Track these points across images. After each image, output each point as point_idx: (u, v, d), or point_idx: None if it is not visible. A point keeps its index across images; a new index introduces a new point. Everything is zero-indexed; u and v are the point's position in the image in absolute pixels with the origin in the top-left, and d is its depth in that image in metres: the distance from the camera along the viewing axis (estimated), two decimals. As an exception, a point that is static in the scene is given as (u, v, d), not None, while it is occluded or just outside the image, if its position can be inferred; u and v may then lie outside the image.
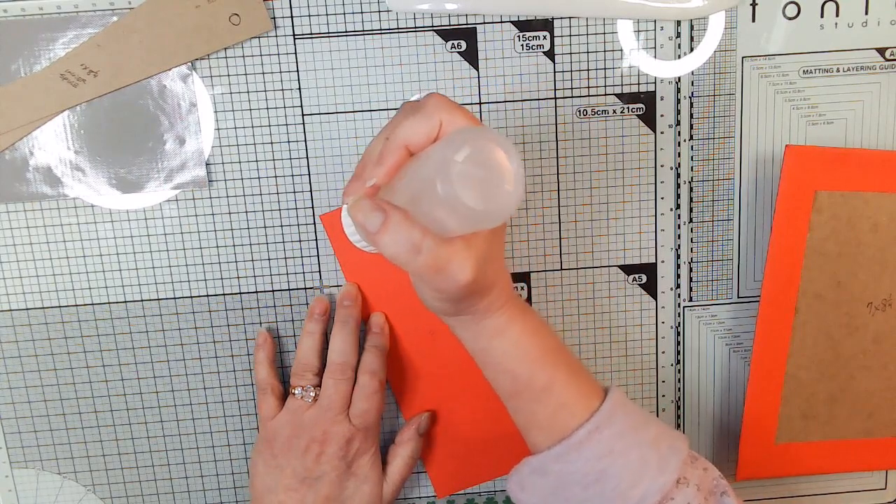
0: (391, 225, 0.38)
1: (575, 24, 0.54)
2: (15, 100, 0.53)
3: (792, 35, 0.55)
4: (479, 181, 0.34)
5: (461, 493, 0.62)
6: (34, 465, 0.60)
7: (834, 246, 0.56)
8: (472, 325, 0.45)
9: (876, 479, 0.64)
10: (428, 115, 0.39)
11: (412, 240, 0.38)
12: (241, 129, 0.55)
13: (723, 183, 0.58)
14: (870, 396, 0.59)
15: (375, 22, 0.54)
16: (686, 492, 0.44)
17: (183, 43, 0.53)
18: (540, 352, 0.46)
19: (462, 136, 0.35)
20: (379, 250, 0.39)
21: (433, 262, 0.38)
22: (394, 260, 0.38)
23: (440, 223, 0.37)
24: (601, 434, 0.45)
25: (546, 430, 0.46)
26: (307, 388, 0.54)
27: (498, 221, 0.35)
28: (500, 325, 0.45)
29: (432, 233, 0.38)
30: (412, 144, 0.39)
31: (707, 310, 0.60)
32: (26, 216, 0.56)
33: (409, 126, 0.39)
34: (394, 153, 0.39)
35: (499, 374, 0.46)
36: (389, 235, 0.38)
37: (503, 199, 0.34)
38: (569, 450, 0.45)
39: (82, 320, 0.58)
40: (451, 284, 0.40)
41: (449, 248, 0.39)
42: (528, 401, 0.46)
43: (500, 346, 0.45)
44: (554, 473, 0.46)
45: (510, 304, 0.45)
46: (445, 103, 0.39)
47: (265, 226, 0.57)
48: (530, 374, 0.45)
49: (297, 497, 0.53)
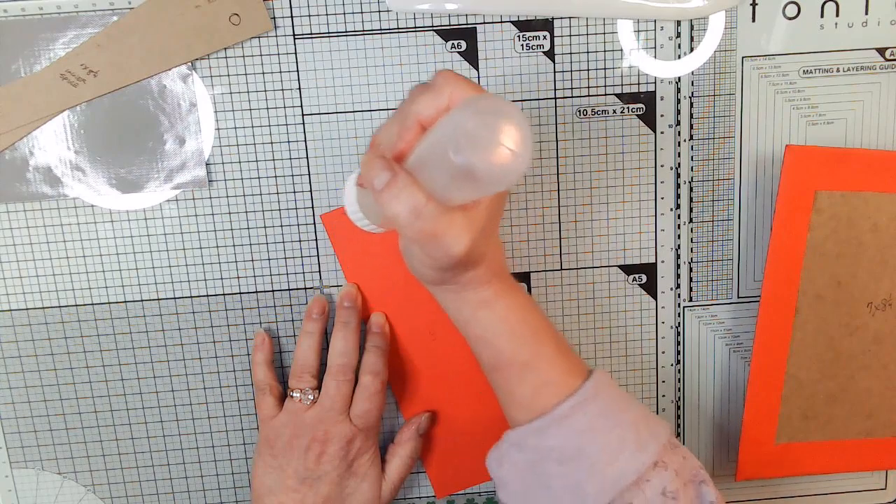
0: (397, 183, 0.38)
1: (575, 24, 0.54)
2: (15, 100, 0.53)
3: (792, 35, 0.55)
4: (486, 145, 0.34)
5: (461, 493, 0.62)
6: (34, 465, 0.60)
7: (834, 246, 0.56)
8: (454, 295, 0.45)
9: (876, 480, 0.64)
10: (437, 90, 0.39)
11: (415, 201, 0.38)
12: (241, 129, 0.55)
13: (723, 183, 0.58)
14: (870, 396, 0.59)
15: (375, 22, 0.54)
16: (664, 475, 0.44)
17: (183, 43, 0.53)
18: (525, 328, 0.46)
19: (470, 102, 0.35)
20: (381, 210, 0.39)
21: (431, 227, 0.39)
22: (395, 220, 0.38)
23: (446, 191, 0.37)
24: (583, 410, 0.45)
25: (526, 406, 0.46)
26: (305, 390, 0.54)
27: (504, 185, 0.36)
28: (484, 299, 0.45)
29: (436, 200, 0.38)
30: (425, 119, 0.40)
31: (707, 310, 0.60)
32: (26, 216, 0.56)
33: (421, 102, 0.39)
34: (409, 129, 0.40)
35: (482, 347, 0.46)
36: (394, 194, 0.38)
37: (510, 162, 0.34)
38: (550, 424, 0.45)
39: (82, 320, 0.58)
40: (444, 254, 0.40)
41: (449, 217, 0.39)
42: (510, 376, 0.46)
43: (483, 319, 0.45)
44: (532, 448, 0.46)
45: (498, 278, 0.45)
46: (453, 77, 0.40)
47: (265, 226, 0.57)
48: (514, 349, 0.45)
49: (297, 497, 0.53)
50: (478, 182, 0.35)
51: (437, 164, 0.36)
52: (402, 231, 0.39)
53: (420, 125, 0.40)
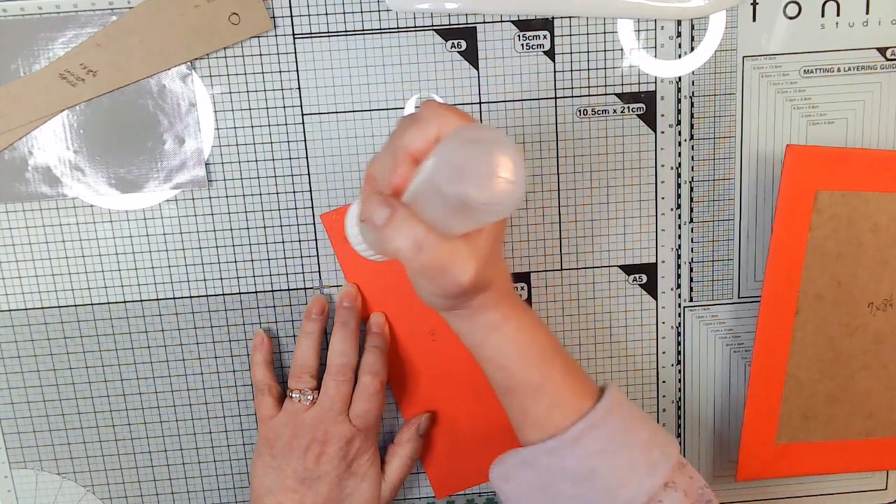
0: (397, 219, 0.38)
1: (575, 23, 0.54)
2: (14, 99, 0.53)
3: (792, 35, 0.55)
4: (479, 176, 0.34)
5: (461, 494, 0.62)
6: (33, 465, 0.60)
7: (834, 246, 0.56)
8: (467, 320, 0.45)
9: (876, 480, 0.64)
10: (424, 123, 0.39)
11: (415, 235, 0.38)
12: (241, 128, 0.55)
13: (723, 183, 0.57)
14: (870, 397, 0.59)
15: (375, 21, 0.54)
16: (674, 496, 0.45)
17: (182, 43, 0.53)
18: (534, 350, 0.46)
19: (458, 134, 0.36)
20: (383, 245, 0.39)
21: (434, 259, 0.39)
22: (397, 254, 0.39)
23: (444, 222, 0.38)
24: (596, 432, 0.45)
25: (538, 428, 0.46)
26: (304, 391, 0.54)
27: (501, 214, 0.36)
28: (495, 322, 0.45)
29: (436, 232, 0.38)
30: (415, 152, 0.40)
31: (707, 310, 0.59)
32: (25, 216, 0.56)
33: (409, 135, 0.40)
34: (401, 163, 0.40)
35: (494, 369, 0.47)
36: (394, 229, 0.38)
37: (505, 191, 0.35)
38: (562, 445, 0.45)
39: (82, 320, 0.57)
40: (451, 283, 0.40)
41: (452, 247, 0.39)
42: (522, 398, 0.46)
43: (495, 343, 0.46)
44: (543, 467, 0.46)
45: (506, 301, 0.46)
46: (438, 108, 0.40)
47: (265, 226, 0.57)
48: (524, 371, 0.46)
49: (296, 497, 0.53)
50: (475, 212, 0.35)
51: (433, 197, 0.37)
52: (407, 264, 0.39)
53: (411, 158, 0.40)
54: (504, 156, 0.35)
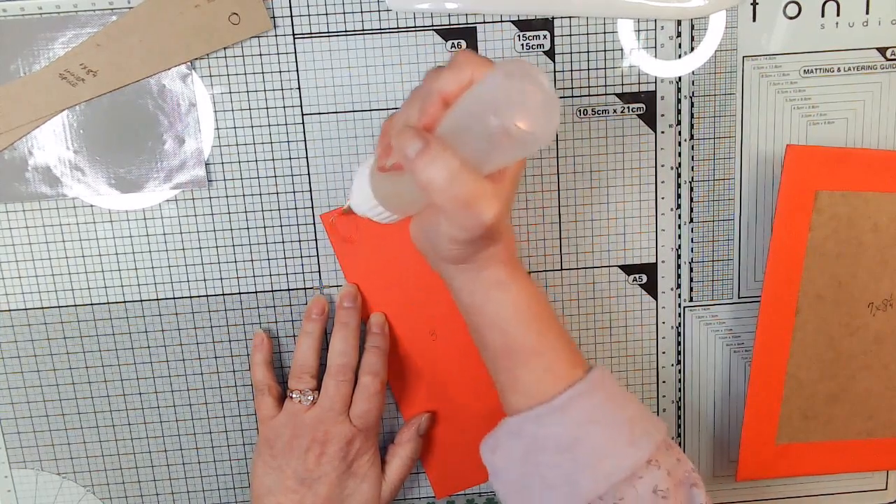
0: (432, 150, 0.38)
1: (575, 23, 0.54)
2: (14, 99, 0.53)
3: (792, 35, 0.55)
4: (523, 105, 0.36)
5: (461, 494, 0.62)
6: (33, 465, 0.60)
7: (834, 246, 0.56)
8: (471, 275, 0.45)
9: (876, 480, 0.64)
10: (459, 67, 0.40)
11: (450, 166, 0.38)
12: (241, 128, 0.55)
13: (723, 183, 0.57)
14: (870, 397, 0.59)
15: (375, 21, 0.54)
16: (656, 474, 0.44)
17: (182, 42, 0.53)
18: (534, 314, 0.46)
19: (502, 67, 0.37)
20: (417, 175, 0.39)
21: (465, 193, 0.39)
22: (429, 185, 0.38)
23: (479, 157, 0.38)
24: (583, 401, 0.45)
25: (527, 393, 0.46)
26: (305, 391, 0.54)
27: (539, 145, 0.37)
28: (499, 280, 0.45)
29: (468, 165, 0.39)
30: (447, 95, 0.40)
31: (708, 310, 0.59)
32: (25, 216, 0.56)
33: (444, 79, 0.40)
34: (433, 104, 0.40)
35: (491, 331, 0.46)
36: (429, 160, 0.38)
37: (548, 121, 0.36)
38: (550, 411, 0.45)
39: (82, 320, 0.57)
40: (475, 221, 0.40)
41: (481, 184, 0.39)
42: (516, 362, 0.46)
43: (497, 301, 0.46)
44: (528, 435, 0.46)
45: (511, 262, 0.46)
46: (473, 56, 0.41)
47: (265, 226, 0.57)
48: (522, 334, 0.46)
49: (296, 498, 0.53)
50: (513, 144, 0.36)
51: (471, 131, 0.37)
52: (437, 197, 0.39)
53: (443, 100, 0.40)
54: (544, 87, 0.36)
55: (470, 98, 0.38)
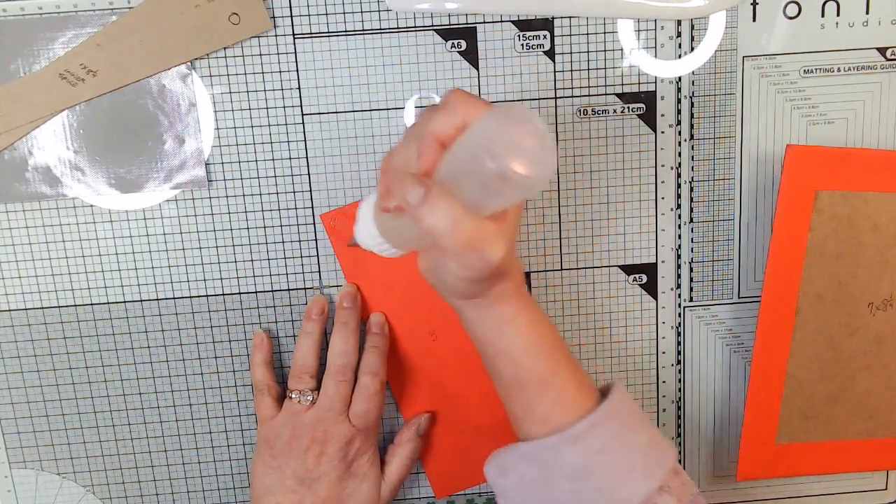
0: (433, 196, 0.38)
1: (575, 23, 0.54)
2: (14, 99, 0.53)
3: (792, 34, 0.55)
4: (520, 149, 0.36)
5: (461, 494, 0.62)
6: (33, 465, 0.60)
7: (834, 246, 0.56)
8: (483, 311, 0.46)
9: (876, 480, 0.64)
10: (451, 109, 0.40)
11: (453, 212, 0.38)
12: (241, 128, 0.55)
13: (723, 183, 0.57)
14: (870, 397, 0.59)
15: (375, 21, 0.54)
16: (667, 500, 0.45)
17: (182, 42, 0.53)
18: (545, 344, 0.46)
19: (498, 112, 0.37)
20: (419, 223, 0.39)
21: (469, 236, 0.39)
22: (432, 231, 0.39)
23: (479, 201, 0.39)
24: (598, 431, 0.45)
25: (542, 423, 0.46)
26: (304, 391, 0.54)
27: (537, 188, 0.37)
28: (510, 314, 0.46)
29: (470, 210, 0.39)
30: (442, 138, 0.40)
31: (707, 310, 0.59)
32: (25, 216, 0.56)
33: (438, 121, 0.40)
34: (429, 148, 0.40)
35: (503, 363, 0.47)
36: (431, 206, 0.38)
37: (544, 165, 0.37)
38: (564, 441, 0.45)
39: (82, 320, 0.57)
40: (482, 262, 0.40)
41: (484, 225, 0.40)
42: (529, 392, 0.46)
43: (508, 335, 0.46)
44: (542, 462, 0.46)
45: (520, 294, 0.46)
46: (464, 96, 0.41)
47: (265, 226, 0.57)
48: (534, 365, 0.46)
49: (295, 498, 0.53)
50: (511, 187, 0.37)
51: (469, 175, 0.38)
52: (442, 242, 0.39)
53: (439, 143, 0.40)
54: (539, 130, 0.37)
55: (465, 142, 0.38)
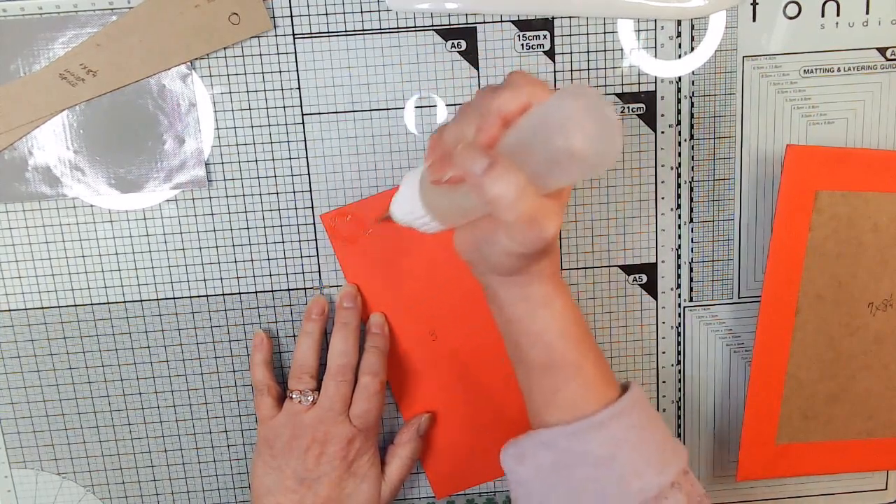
0: (500, 167, 0.39)
1: (575, 23, 0.54)
2: (14, 99, 0.53)
3: (792, 35, 0.55)
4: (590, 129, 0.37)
5: (461, 494, 0.62)
6: (33, 465, 0.60)
7: (834, 246, 0.56)
8: (519, 289, 0.46)
9: (876, 480, 0.64)
10: (517, 88, 0.40)
11: (518, 183, 0.39)
12: (241, 128, 0.55)
13: (723, 183, 0.57)
14: (870, 397, 0.59)
15: (375, 21, 0.54)
16: (678, 497, 0.45)
17: (182, 42, 0.53)
18: (576, 330, 0.47)
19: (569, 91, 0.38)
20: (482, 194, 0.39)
21: (531, 209, 0.39)
22: (495, 202, 0.39)
23: (542, 177, 0.39)
24: (620, 421, 0.45)
25: (565, 409, 0.46)
26: (304, 391, 0.54)
27: (601, 168, 0.38)
28: (546, 295, 0.46)
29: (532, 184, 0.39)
30: (506, 115, 0.40)
31: (708, 310, 0.59)
32: (25, 216, 0.56)
33: (504, 98, 0.40)
34: (492, 124, 0.40)
35: (533, 345, 0.46)
36: (496, 176, 0.39)
37: (612, 147, 0.37)
38: (587, 428, 0.45)
39: (82, 320, 0.57)
40: (536, 237, 0.40)
41: (543, 201, 0.40)
42: (555, 377, 0.46)
43: (542, 317, 0.46)
44: (563, 450, 0.46)
45: (556, 277, 0.46)
46: (530, 77, 0.41)
47: (265, 226, 0.57)
48: (564, 349, 0.46)
49: (295, 498, 0.53)
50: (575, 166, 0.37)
51: (534, 150, 0.38)
52: (503, 213, 0.39)
53: (502, 120, 0.40)
54: (611, 114, 0.37)
55: (536, 118, 0.39)
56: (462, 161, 0.40)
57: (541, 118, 0.39)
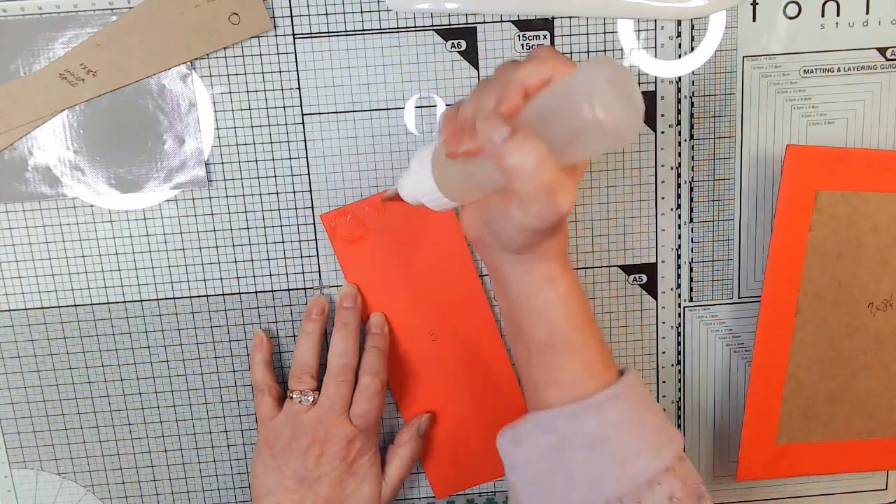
0: (521, 135, 0.38)
1: (575, 23, 0.54)
2: (14, 99, 0.53)
3: (792, 35, 0.55)
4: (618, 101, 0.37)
5: (461, 494, 0.62)
6: (33, 465, 0.60)
7: (834, 246, 0.56)
8: (527, 267, 0.46)
9: (876, 480, 0.64)
10: (541, 61, 0.40)
11: (538, 152, 0.38)
12: (241, 128, 0.55)
13: (723, 183, 0.57)
14: (870, 397, 0.59)
15: (375, 21, 0.54)
16: (673, 482, 0.45)
17: (182, 42, 0.53)
18: (579, 311, 0.47)
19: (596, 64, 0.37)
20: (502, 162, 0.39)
21: (549, 181, 0.39)
22: (515, 170, 0.39)
23: (563, 149, 0.39)
24: (618, 403, 0.45)
25: (564, 388, 0.46)
26: (305, 391, 0.54)
27: (627, 141, 0.38)
28: (552, 273, 0.46)
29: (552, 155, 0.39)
30: (529, 87, 0.40)
31: (708, 310, 0.59)
32: (25, 216, 0.56)
33: (527, 70, 0.40)
34: (516, 94, 0.40)
35: (536, 323, 0.46)
36: (517, 145, 0.38)
37: (636, 118, 0.37)
38: (586, 409, 0.45)
39: (82, 320, 0.57)
40: (552, 209, 0.40)
41: (561, 174, 0.40)
42: (556, 356, 0.46)
43: (546, 295, 0.46)
44: (560, 431, 0.46)
45: (563, 256, 0.46)
46: (555, 52, 0.41)
47: (265, 226, 0.57)
48: (567, 329, 0.46)
49: (295, 498, 0.53)
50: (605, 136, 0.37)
51: (556, 121, 0.38)
52: (521, 183, 0.39)
53: (524, 92, 0.40)
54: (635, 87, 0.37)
55: (560, 88, 0.39)
56: (483, 129, 0.39)
57: (565, 88, 0.38)
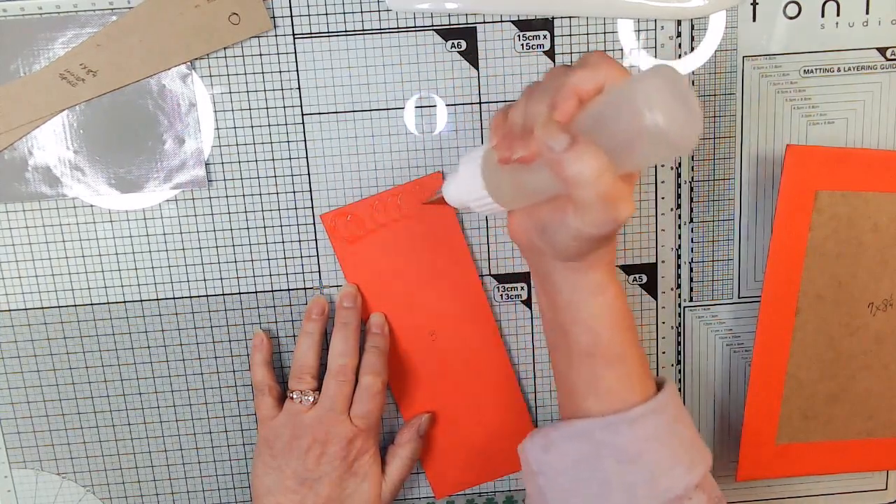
0: (581, 144, 0.38)
1: (575, 23, 0.54)
2: (14, 99, 0.53)
3: (793, 34, 0.55)
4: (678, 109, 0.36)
5: (461, 494, 0.62)
6: (33, 465, 0.60)
7: (834, 246, 0.56)
8: (577, 275, 0.45)
9: (876, 480, 0.64)
10: (594, 67, 0.40)
11: (599, 162, 0.38)
12: (241, 128, 0.55)
13: (723, 183, 0.57)
14: (870, 397, 0.59)
15: (375, 21, 0.54)
16: (701, 498, 0.46)
17: (182, 43, 0.53)
18: (624, 320, 0.47)
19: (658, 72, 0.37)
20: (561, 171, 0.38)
21: (609, 190, 0.39)
22: (575, 179, 0.38)
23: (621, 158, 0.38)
24: (655, 417, 0.46)
25: (604, 398, 0.46)
26: (305, 391, 0.54)
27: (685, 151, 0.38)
28: (600, 282, 0.46)
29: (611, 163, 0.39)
30: (582, 93, 0.40)
31: (708, 310, 0.59)
32: (25, 216, 0.56)
33: (580, 77, 0.40)
34: (570, 101, 0.40)
35: (582, 332, 0.46)
36: (577, 154, 0.38)
37: (696, 126, 0.37)
38: (624, 421, 0.45)
39: (82, 320, 0.57)
40: (610, 218, 0.40)
41: (620, 182, 0.39)
42: (599, 365, 0.46)
43: (595, 303, 0.46)
44: (594, 441, 0.46)
45: (611, 266, 0.46)
46: (608, 58, 0.40)
47: (265, 226, 0.57)
48: (611, 338, 0.46)
49: (296, 498, 0.53)
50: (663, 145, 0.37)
51: (613, 129, 0.38)
52: (582, 192, 0.39)
53: (578, 98, 0.40)
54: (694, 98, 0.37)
55: (618, 95, 0.38)
56: (541, 137, 0.39)
57: (624, 95, 0.38)
